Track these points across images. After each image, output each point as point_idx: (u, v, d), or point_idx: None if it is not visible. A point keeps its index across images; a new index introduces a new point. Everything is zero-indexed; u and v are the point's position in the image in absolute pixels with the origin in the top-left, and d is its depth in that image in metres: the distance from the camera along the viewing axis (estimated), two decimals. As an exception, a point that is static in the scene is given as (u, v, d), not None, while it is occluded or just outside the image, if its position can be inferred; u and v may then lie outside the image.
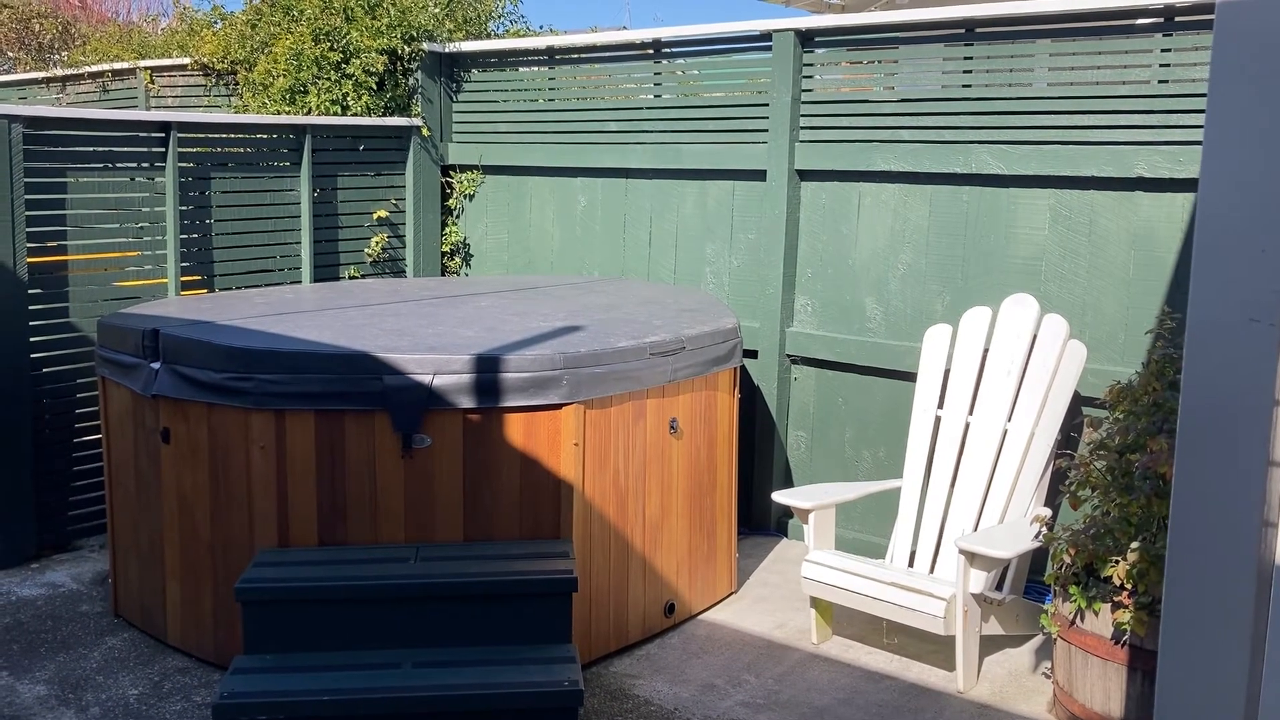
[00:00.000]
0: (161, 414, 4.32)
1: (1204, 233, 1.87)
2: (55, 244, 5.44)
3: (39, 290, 5.37)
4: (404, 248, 7.05)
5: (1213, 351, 1.88)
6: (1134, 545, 3.67)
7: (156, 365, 4.31)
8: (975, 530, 4.60)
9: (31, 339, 5.34)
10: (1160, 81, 4.66)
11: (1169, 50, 4.65)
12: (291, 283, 6.47)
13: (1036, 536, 4.19)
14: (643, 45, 6.39)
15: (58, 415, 5.48)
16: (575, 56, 6.77)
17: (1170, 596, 1.97)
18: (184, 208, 5.95)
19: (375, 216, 6.88)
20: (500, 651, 3.76)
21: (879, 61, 5.75)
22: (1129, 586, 3.67)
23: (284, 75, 6.91)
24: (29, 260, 5.30)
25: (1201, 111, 4.46)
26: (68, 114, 5.75)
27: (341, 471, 4.09)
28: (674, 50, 6.31)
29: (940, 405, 4.88)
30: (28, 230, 5.28)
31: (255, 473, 4.11)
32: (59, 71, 9.68)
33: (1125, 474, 3.88)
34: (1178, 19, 4.61)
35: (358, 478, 4.09)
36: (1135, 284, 4.77)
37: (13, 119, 5.20)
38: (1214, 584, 1.91)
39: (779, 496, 4.72)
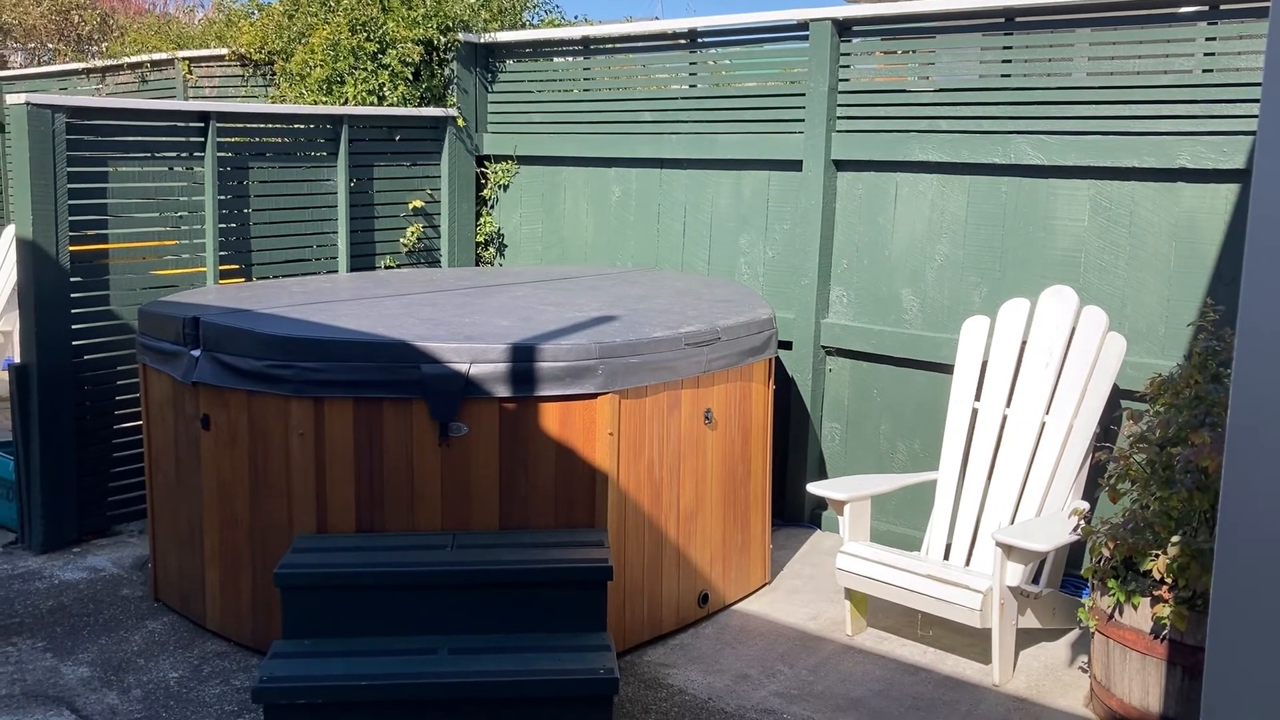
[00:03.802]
0: (201, 401, 4.36)
1: (1257, 229, 1.84)
2: (96, 233, 5.50)
3: (80, 278, 5.43)
4: (439, 238, 7.08)
5: (1265, 349, 1.86)
6: (1174, 539, 3.64)
7: (197, 353, 4.35)
8: (1012, 523, 4.58)
9: (73, 326, 5.40)
10: (1204, 71, 4.60)
11: (1213, 39, 4.59)
12: (328, 272, 6.51)
13: (1074, 530, 4.17)
14: (677, 35, 6.37)
15: (99, 402, 5.55)
16: (610, 46, 6.77)
17: (1219, 593, 1.95)
18: (222, 197, 6.00)
19: (410, 206, 6.91)
20: (536, 639, 3.78)
21: (915, 51, 5.71)
22: (1169, 581, 3.64)
23: (321, 65, 6.95)
24: (71, 249, 5.36)
25: (1247, 101, 4.45)
26: (109, 104, 5.80)
27: (379, 459, 4.12)
28: (709, 40, 6.29)
29: (977, 397, 4.86)
30: (70, 219, 5.34)
31: (294, 460, 4.14)
32: (98, 62, 9.76)
33: (1166, 467, 3.85)
34: (1223, 7, 4.55)
35: (395, 465, 4.12)
36: (1176, 276, 4.72)
37: (56, 109, 5.26)
38: (1264, 580, 1.89)
39: (814, 488, 4.71)
